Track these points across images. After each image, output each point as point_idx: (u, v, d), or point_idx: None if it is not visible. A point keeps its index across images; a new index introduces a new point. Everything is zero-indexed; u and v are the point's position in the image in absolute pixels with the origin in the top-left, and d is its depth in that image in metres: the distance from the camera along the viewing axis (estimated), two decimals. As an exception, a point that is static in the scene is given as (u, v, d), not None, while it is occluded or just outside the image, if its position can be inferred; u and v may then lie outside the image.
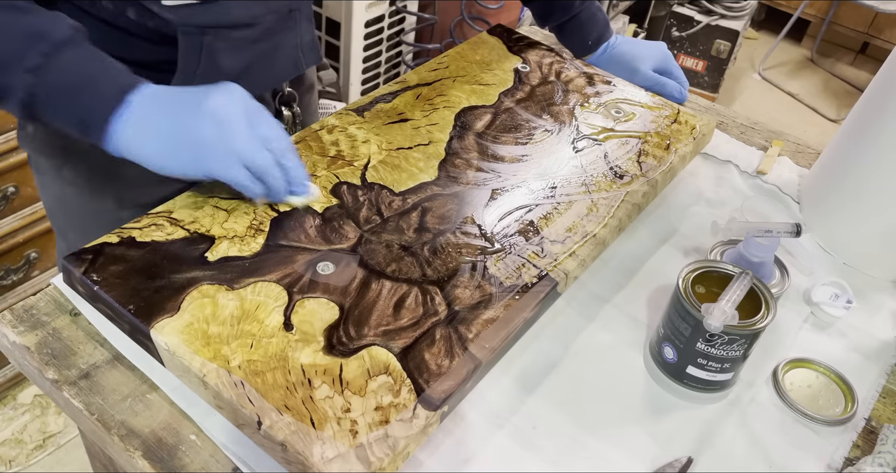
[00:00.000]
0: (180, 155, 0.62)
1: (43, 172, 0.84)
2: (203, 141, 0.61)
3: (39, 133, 0.79)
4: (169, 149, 0.62)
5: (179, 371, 0.57)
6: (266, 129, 0.64)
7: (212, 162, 0.62)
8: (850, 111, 0.85)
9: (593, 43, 0.99)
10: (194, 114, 0.61)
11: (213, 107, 0.62)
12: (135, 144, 0.62)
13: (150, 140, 0.62)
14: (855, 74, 3.20)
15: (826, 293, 0.75)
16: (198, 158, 0.62)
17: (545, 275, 0.67)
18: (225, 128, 0.62)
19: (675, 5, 2.72)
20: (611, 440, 0.61)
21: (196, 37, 0.71)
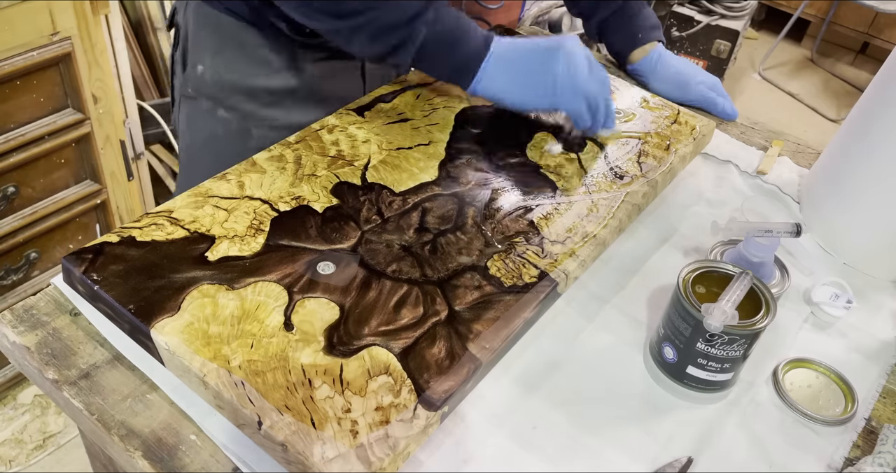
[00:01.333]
0: (536, 89, 0.78)
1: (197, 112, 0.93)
2: (556, 78, 0.77)
3: (209, 75, 0.90)
4: (526, 85, 0.78)
5: (179, 371, 0.57)
6: (601, 73, 0.80)
7: (560, 96, 0.77)
8: (850, 111, 0.85)
9: (643, 37, 0.99)
10: (550, 58, 0.77)
11: (565, 52, 0.77)
12: (500, 82, 0.78)
13: (513, 78, 0.78)
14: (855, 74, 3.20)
15: (826, 293, 0.75)
16: (551, 94, 0.77)
17: (545, 276, 0.67)
18: (573, 69, 0.77)
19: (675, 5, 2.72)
20: (611, 440, 0.61)
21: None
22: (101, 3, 1.28)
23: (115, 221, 1.52)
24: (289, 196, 0.71)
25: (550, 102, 0.78)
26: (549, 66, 0.77)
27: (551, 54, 0.77)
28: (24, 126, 1.28)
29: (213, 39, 0.88)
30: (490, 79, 0.77)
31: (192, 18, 0.90)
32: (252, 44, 0.87)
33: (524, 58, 0.78)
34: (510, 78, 0.77)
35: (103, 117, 1.38)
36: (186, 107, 0.95)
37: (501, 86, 0.78)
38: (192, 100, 0.93)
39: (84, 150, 1.40)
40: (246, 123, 0.91)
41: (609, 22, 0.99)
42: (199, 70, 0.90)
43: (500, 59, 0.77)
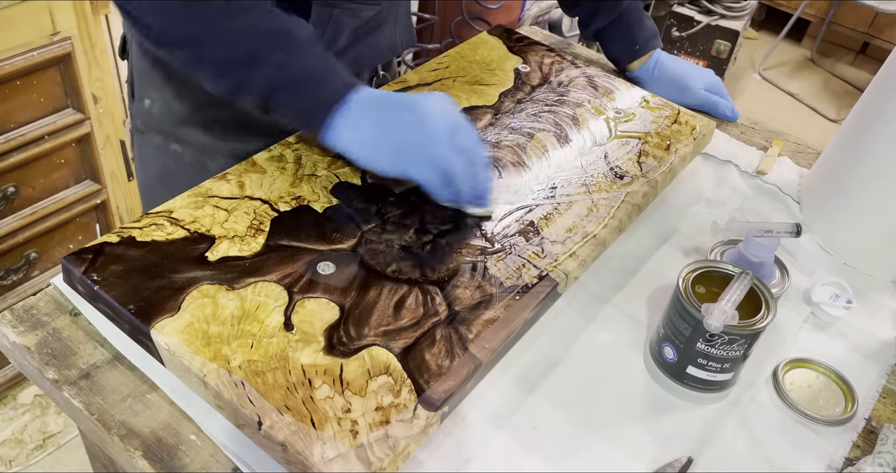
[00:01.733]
0: (383, 151, 0.68)
1: (149, 147, 0.89)
2: (406, 142, 0.67)
3: (156, 108, 0.84)
4: (376, 144, 0.68)
5: (179, 371, 0.57)
6: (465, 138, 0.68)
7: (410, 163, 0.67)
8: (850, 111, 0.85)
9: (641, 47, 0.98)
10: (403, 115, 0.68)
11: (422, 112, 0.68)
12: (347, 137, 0.68)
13: (362, 135, 0.68)
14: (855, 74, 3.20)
15: (826, 293, 0.75)
16: (398, 157, 0.68)
17: (545, 276, 0.67)
18: (428, 133, 0.67)
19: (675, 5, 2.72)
20: (611, 440, 0.61)
21: (327, 9, 0.76)
22: (101, 3, 1.28)
23: (115, 221, 1.52)
24: (289, 196, 0.71)
25: (397, 167, 0.68)
26: (399, 126, 0.68)
27: (404, 112, 0.68)
28: (24, 126, 1.28)
29: (159, 72, 0.82)
30: (337, 132, 0.68)
31: (135, 49, 0.84)
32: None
33: (377, 113, 0.68)
34: (358, 133, 0.68)
35: (103, 117, 1.38)
36: (139, 142, 0.90)
37: (348, 142, 0.68)
38: (143, 134, 0.88)
39: (84, 150, 1.40)
40: (201, 156, 0.86)
41: (607, 30, 0.99)
42: (146, 104, 0.85)
43: (353, 111, 0.68)
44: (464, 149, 0.68)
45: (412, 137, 0.67)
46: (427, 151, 0.67)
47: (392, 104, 0.69)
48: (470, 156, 0.68)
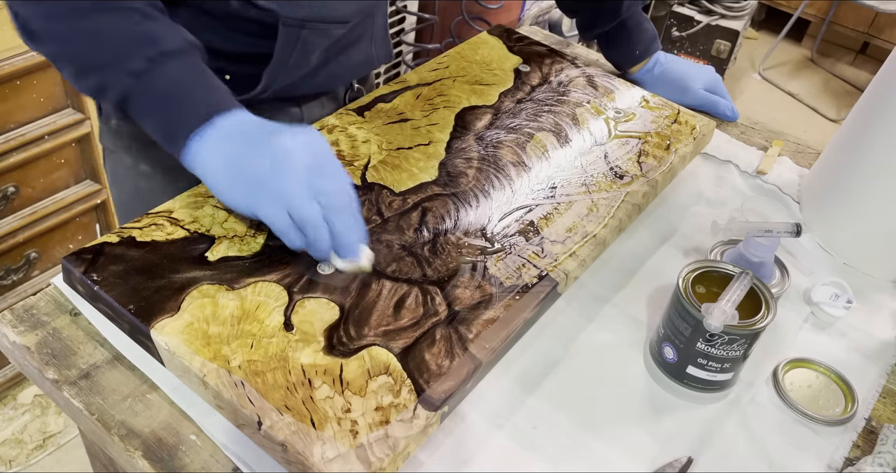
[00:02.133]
0: (236, 185, 0.61)
1: (119, 167, 0.87)
2: (257, 177, 0.60)
3: (124, 129, 0.82)
4: (228, 176, 0.61)
5: (179, 371, 0.57)
6: (326, 181, 0.60)
7: (259, 200, 0.60)
8: (850, 111, 0.85)
9: (640, 53, 0.98)
10: (259, 148, 0.61)
11: (278, 146, 0.60)
12: (202, 164, 0.62)
13: (216, 164, 0.61)
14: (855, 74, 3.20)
15: (826, 293, 0.75)
16: (249, 193, 0.60)
17: (545, 276, 0.67)
18: (280, 169, 0.59)
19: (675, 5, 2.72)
20: (611, 440, 0.61)
21: (294, 29, 0.74)
22: (101, 3, 1.28)
23: (115, 221, 1.52)
24: (289, 196, 0.70)
25: (248, 205, 0.61)
26: (255, 160, 0.60)
27: (263, 145, 0.60)
28: (24, 126, 1.28)
29: None
30: (193, 157, 0.62)
31: None
32: None
33: (236, 143, 0.61)
34: (213, 163, 0.61)
35: (103, 117, 1.38)
36: (110, 161, 0.88)
37: (203, 169, 0.62)
38: (113, 153, 0.86)
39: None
40: (171, 175, 0.81)
41: (606, 36, 0.99)
42: (112, 124, 0.83)
43: (212, 137, 0.61)
44: (324, 192, 0.60)
45: (265, 173, 0.59)
46: (278, 190, 0.59)
47: (254, 134, 0.62)
48: (329, 201, 0.60)
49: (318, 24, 0.75)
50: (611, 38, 0.99)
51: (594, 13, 0.98)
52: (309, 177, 0.60)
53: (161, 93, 0.62)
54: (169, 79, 0.62)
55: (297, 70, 0.78)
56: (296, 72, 0.78)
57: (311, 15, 0.74)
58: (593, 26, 0.99)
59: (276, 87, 0.78)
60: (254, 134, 0.62)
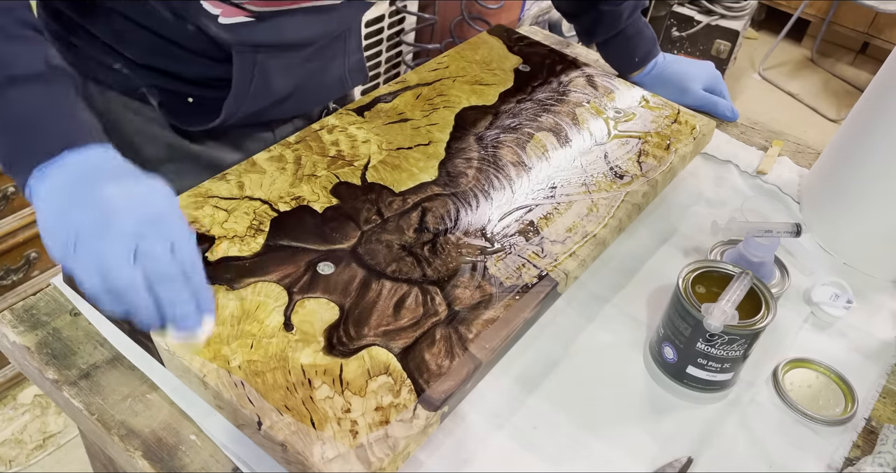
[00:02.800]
0: (55, 236, 0.52)
1: None
2: (76, 232, 0.51)
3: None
4: (51, 224, 0.52)
5: (179, 371, 0.57)
6: (155, 244, 0.51)
7: (73, 258, 0.51)
8: (850, 111, 0.85)
9: (640, 60, 0.97)
10: (88, 197, 0.52)
11: (106, 198, 0.52)
12: (39, 205, 0.53)
13: (48, 207, 0.53)
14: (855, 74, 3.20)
15: (826, 293, 0.75)
16: (65, 248, 0.51)
17: (545, 275, 0.67)
18: (101, 226, 0.51)
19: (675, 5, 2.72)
20: (611, 440, 0.61)
21: (249, 55, 0.72)
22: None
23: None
24: (289, 196, 0.70)
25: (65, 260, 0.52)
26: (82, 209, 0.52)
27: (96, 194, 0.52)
28: (24, 126, 1.28)
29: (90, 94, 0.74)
30: (35, 198, 0.54)
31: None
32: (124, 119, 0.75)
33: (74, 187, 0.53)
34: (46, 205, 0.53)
35: (103, 117, 1.38)
36: None
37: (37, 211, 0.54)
38: None
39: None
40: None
41: (606, 43, 0.99)
42: None
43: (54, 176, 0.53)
44: (149, 257, 0.51)
45: (86, 229, 0.51)
46: (93, 250, 0.50)
47: (91, 180, 0.53)
48: (154, 267, 0.51)
49: (273, 49, 0.72)
50: (611, 45, 0.99)
51: (594, 21, 0.97)
52: (136, 238, 0.51)
53: (5, 121, 0.54)
54: (15, 107, 0.54)
55: (261, 98, 0.75)
56: (260, 100, 0.75)
57: (264, 40, 0.71)
58: (593, 34, 0.99)
59: (241, 116, 0.76)
60: (92, 179, 0.53)
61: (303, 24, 0.73)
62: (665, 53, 1.00)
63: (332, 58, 0.81)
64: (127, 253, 0.50)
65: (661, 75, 0.98)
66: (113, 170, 0.54)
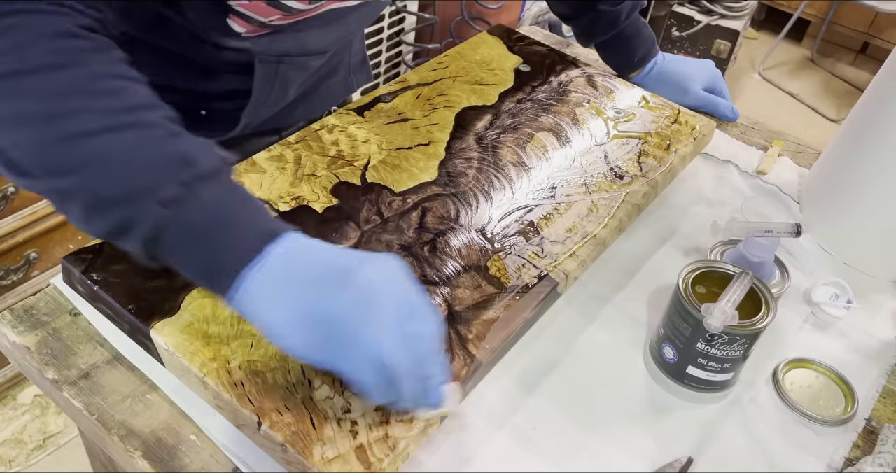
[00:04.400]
0: (306, 335, 0.49)
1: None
2: (336, 327, 0.48)
3: None
4: (295, 323, 0.49)
5: (179, 371, 0.57)
6: (419, 325, 0.50)
7: (340, 355, 0.49)
8: (850, 111, 0.85)
9: (639, 60, 0.97)
10: (338, 289, 0.49)
11: (364, 286, 0.49)
12: (261, 305, 0.49)
13: (279, 305, 0.49)
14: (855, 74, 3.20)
15: (826, 293, 0.75)
16: (326, 346, 0.49)
17: (545, 276, 0.67)
18: (369, 317, 0.48)
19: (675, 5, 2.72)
20: (611, 440, 0.61)
21: (272, 65, 0.72)
22: (101, 3, 1.28)
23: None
24: (288, 196, 0.70)
25: (323, 358, 0.49)
26: (332, 303, 0.48)
27: (341, 283, 0.49)
28: (24, 126, 1.28)
29: None
30: (242, 298, 0.50)
31: None
32: None
33: (302, 280, 0.49)
34: (273, 304, 0.49)
35: (103, 117, 1.38)
36: None
37: (259, 313, 0.50)
38: None
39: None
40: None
41: (605, 44, 0.99)
42: None
43: (269, 273, 0.49)
44: (416, 338, 0.50)
45: (348, 323, 0.48)
46: (366, 342, 0.48)
47: (325, 268, 0.50)
48: (422, 348, 0.50)
49: (296, 58, 0.74)
50: (608, 46, 0.98)
51: (593, 21, 0.97)
52: (402, 321, 0.49)
53: (200, 223, 0.50)
54: (208, 207, 0.50)
55: (276, 105, 0.77)
56: (275, 107, 0.77)
57: (287, 49, 0.72)
58: (591, 35, 0.98)
59: (257, 123, 0.77)
60: (323, 267, 0.50)
61: (323, 32, 0.74)
62: (665, 53, 1.00)
63: (338, 63, 0.83)
64: (401, 339, 0.49)
65: (661, 75, 0.98)
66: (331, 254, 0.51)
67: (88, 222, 0.51)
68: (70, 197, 0.51)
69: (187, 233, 0.50)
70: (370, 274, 0.49)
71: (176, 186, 0.49)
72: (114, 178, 0.49)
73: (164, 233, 0.50)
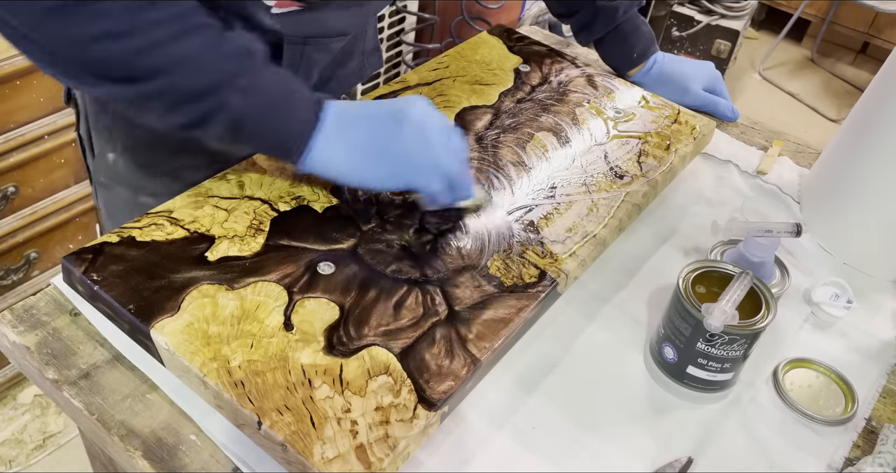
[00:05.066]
0: (382, 167, 0.64)
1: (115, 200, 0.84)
2: (408, 154, 0.64)
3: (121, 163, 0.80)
4: (370, 160, 0.64)
5: (179, 371, 0.57)
6: (456, 141, 0.67)
7: (414, 173, 0.65)
8: (850, 111, 0.85)
9: (638, 56, 0.97)
10: (397, 128, 0.64)
11: (415, 121, 0.64)
12: (333, 158, 0.63)
13: (349, 153, 0.63)
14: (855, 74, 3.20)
15: (826, 293, 0.75)
16: (400, 170, 0.64)
17: (545, 276, 0.67)
18: (428, 141, 0.64)
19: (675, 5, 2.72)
20: (611, 440, 0.61)
21: (299, 47, 0.74)
22: (101, 3, 1.28)
23: (115, 221, 1.52)
24: (289, 196, 0.70)
25: (402, 182, 0.65)
26: (397, 139, 0.64)
27: (397, 124, 0.64)
28: (24, 126, 1.28)
29: (120, 125, 0.77)
30: (322, 155, 0.63)
31: (89, 102, 0.79)
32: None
33: (364, 128, 0.64)
34: (347, 153, 0.63)
35: (103, 117, 1.38)
36: (103, 195, 0.86)
37: (338, 165, 0.64)
38: (107, 188, 0.84)
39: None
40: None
41: (603, 41, 0.98)
42: (109, 159, 0.80)
43: (333, 130, 0.63)
44: (457, 151, 0.67)
45: (416, 148, 0.64)
46: (434, 160, 0.65)
47: (379, 115, 0.65)
48: (461, 157, 0.68)
49: (321, 40, 0.75)
50: (607, 42, 0.98)
51: (592, 16, 0.96)
52: (443, 141, 0.66)
53: (269, 104, 0.61)
54: (271, 89, 0.61)
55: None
56: None
57: (312, 31, 0.74)
58: (589, 32, 0.98)
59: None
60: (377, 115, 0.65)
61: (344, 14, 0.75)
62: (665, 53, 1.00)
63: (354, 47, 0.84)
64: (451, 153, 0.66)
65: (661, 75, 0.98)
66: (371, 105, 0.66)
67: (171, 116, 0.60)
68: (157, 96, 0.58)
69: (262, 113, 0.61)
70: (416, 111, 0.64)
71: (245, 75, 0.59)
72: (195, 75, 0.58)
73: (241, 117, 0.60)
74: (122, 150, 0.79)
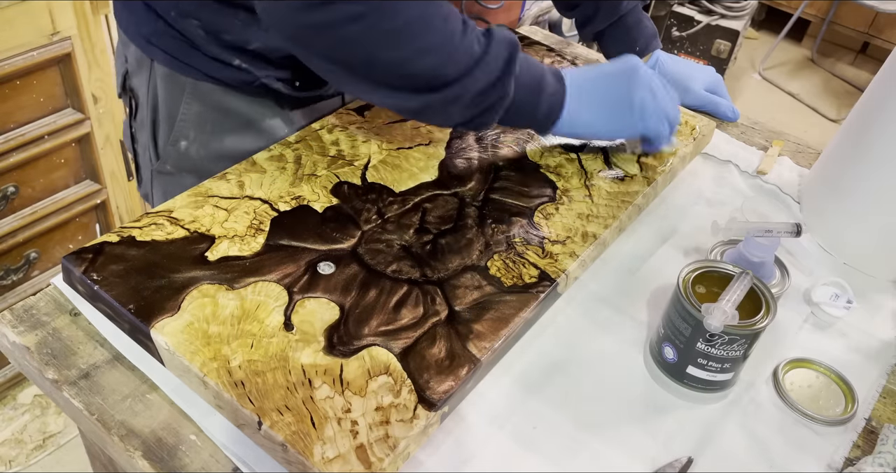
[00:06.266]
0: (623, 119, 0.76)
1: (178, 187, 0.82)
2: (644, 105, 0.76)
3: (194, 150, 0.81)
4: (615, 115, 0.76)
5: (179, 370, 0.57)
6: (672, 92, 0.80)
7: (651, 121, 0.77)
8: (850, 111, 0.85)
9: (640, 50, 0.97)
10: (631, 85, 0.75)
11: (646, 79, 0.76)
12: (580, 119, 0.74)
13: (592, 112, 0.75)
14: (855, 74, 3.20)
15: (826, 293, 0.75)
16: (637, 119, 0.76)
17: (545, 276, 0.67)
18: (657, 94, 0.77)
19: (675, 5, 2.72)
20: (611, 440, 0.61)
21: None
22: (101, 2, 1.28)
23: (114, 221, 1.52)
24: (289, 196, 0.71)
25: (638, 129, 0.77)
26: (634, 92, 0.75)
27: (633, 80, 0.75)
28: (24, 126, 1.28)
29: (195, 110, 0.79)
30: (572, 117, 0.74)
31: (162, 88, 0.80)
32: (240, 110, 0.80)
33: (602, 87, 0.75)
34: (593, 111, 0.75)
35: (103, 117, 1.38)
36: (163, 182, 0.86)
37: (585, 122, 0.75)
38: (171, 176, 0.85)
39: (84, 150, 1.40)
40: None
41: (606, 33, 0.98)
42: (182, 146, 0.81)
43: (577, 93, 0.74)
44: (675, 101, 0.80)
45: (649, 99, 0.76)
46: (664, 108, 0.77)
47: (614, 73, 0.76)
48: (677, 104, 0.81)
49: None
50: (609, 35, 0.98)
51: (593, 11, 0.97)
52: (664, 94, 0.78)
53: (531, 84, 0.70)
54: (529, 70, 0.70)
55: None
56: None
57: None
58: (592, 24, 0.98)
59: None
60: (609, 76, 0.76)
61: None
62: (666, 53, 1.00)
63: None
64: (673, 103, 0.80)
65: (663, 74, 0.98)
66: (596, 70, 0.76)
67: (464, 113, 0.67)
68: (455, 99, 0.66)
69: (527, 94, 0.70)
70: (642, 70, 0.76)
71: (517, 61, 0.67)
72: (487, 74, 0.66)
73: (515, 102, 0.69)
74: (196, 137, 0.81)
